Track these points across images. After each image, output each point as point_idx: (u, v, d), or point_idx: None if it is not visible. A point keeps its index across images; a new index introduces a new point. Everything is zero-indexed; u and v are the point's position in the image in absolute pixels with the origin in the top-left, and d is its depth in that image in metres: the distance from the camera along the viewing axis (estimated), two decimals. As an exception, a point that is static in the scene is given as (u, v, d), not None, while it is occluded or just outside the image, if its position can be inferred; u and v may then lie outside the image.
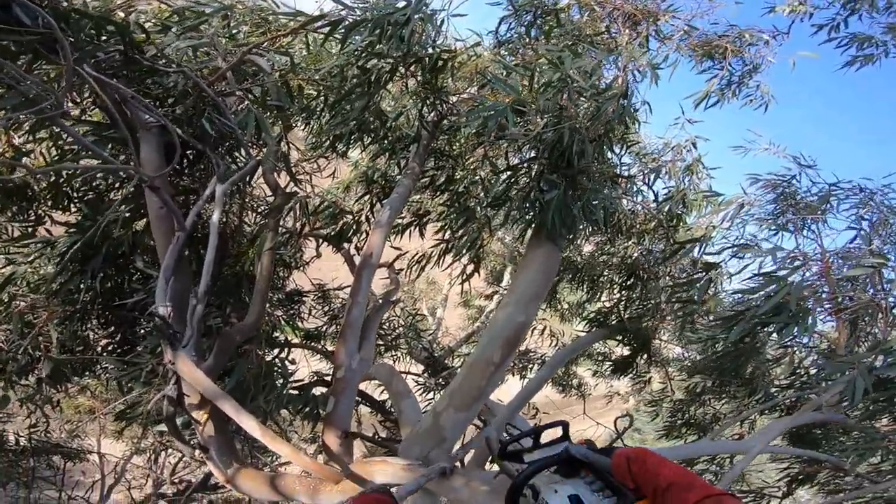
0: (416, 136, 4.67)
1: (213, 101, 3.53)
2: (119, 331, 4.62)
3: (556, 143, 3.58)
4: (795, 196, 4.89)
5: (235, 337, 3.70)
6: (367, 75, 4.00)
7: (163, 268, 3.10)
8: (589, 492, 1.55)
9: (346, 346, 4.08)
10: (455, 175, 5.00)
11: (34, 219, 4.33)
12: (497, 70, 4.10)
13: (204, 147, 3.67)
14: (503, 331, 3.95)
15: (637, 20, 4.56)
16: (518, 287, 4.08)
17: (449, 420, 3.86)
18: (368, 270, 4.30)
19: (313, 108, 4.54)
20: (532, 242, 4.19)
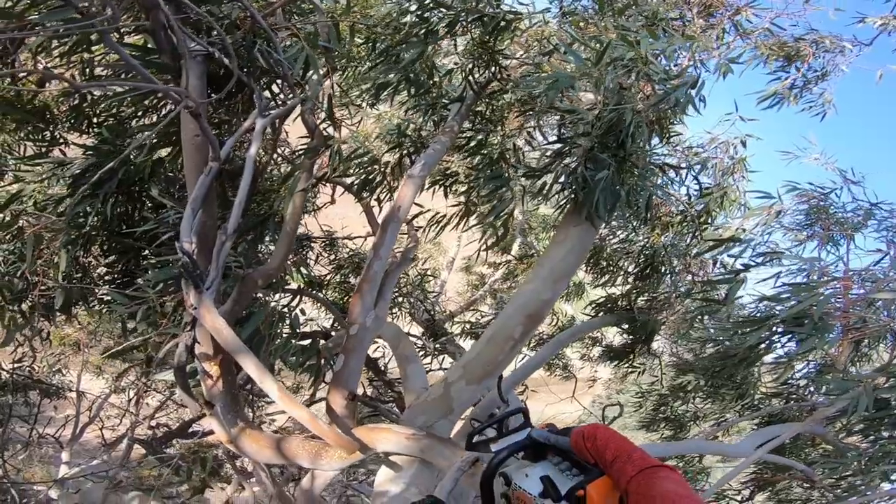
0: (460, 96, 4.53)
1: (266, 33, 3.37)
2: (121, 261, 4.43)
3: (615, 122, 3.48)
4: (828, 210, 4.84)
5: (257, 281, 3.50)
6: (426, 25, 3.85)
7: (191, 198, 2.91)
8: (558, 471, 1.57)
9: (362, 302, 3.87)
10: (488, 140, 4.88)
11: (49, 139, 4.16)
12: (565, 39, 3.97)
13: (248, 79, 3.51)
14: (527, 306, 3.88)
15: (712, 11, 4.43)
16: (547, 263, 3.99)
17: (459, 392, 3.79)
18: (395, 224, 4.14)
19: (357, 55, 4.36)
20: (568, 219, 4.09)
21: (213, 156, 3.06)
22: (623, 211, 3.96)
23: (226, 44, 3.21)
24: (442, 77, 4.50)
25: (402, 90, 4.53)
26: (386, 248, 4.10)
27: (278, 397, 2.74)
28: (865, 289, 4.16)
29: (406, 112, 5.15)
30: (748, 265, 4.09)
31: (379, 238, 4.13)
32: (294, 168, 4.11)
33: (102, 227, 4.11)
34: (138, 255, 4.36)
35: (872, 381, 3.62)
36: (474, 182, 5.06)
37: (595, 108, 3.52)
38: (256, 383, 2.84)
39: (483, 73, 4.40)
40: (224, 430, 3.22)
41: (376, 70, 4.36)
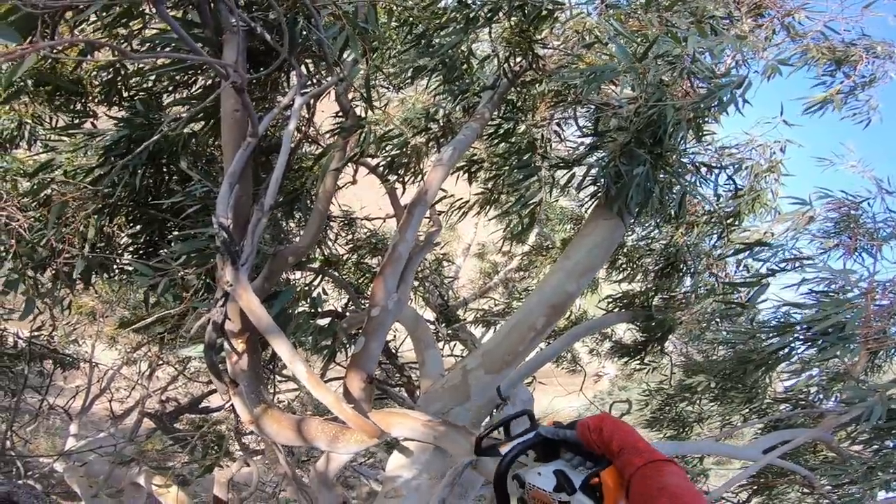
0: (493, 84, 4.50)
1: (308, 10, 3.33)
2: (145, 231, 4.39)
3: (654, 119, 3.46)
4: (858, 220, 4.80)
5: (288, 258, 3.55)
6: (467, 10, 3.82)
7: (229, 172, 2.89)
8: (570, 467, 1.61)
9: (385, 284, 3.86)
10: (517, 128, 4.85)
11: (81, 112, 4.18)
12: (608, 32, 3.92)
13: (290, 56, 3.48)
14: (551, 298, 3.89)
15: (762, 10, 4.37)
16: (574, 256, 3.99)
17: (477, 381, 3.81)
18: (422, 208, 4.14)
19: (390, 37, 4.32)
20: (597, 213, 4.09)
21: (251, 131, 3.02)
22: (655, 208, 3.92)
23: (277, 19, 3.21)
24: (479, 64, 4.45)
25: (437, 76, 4.49)
26: (412, 230, 4.09)
27: (307, 380, 2.73)
28: (889, 300, 4.11)
29: (435, 97, 5.11)
30: (774, 270, 4.07)
31: (405, 221, 4.12)
32: (328, 147, 4.09)
33: (130, 197, 4.07)
34: (163, 226, 4.32)
35: (887, 390, 3.62)
36: (500, 170, 5.03)
37: (635, 103, 3.48)
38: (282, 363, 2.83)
39: (518, 61, 4.36)
40: (247, 410, 3.22)
41: (409, 54, 4.32)
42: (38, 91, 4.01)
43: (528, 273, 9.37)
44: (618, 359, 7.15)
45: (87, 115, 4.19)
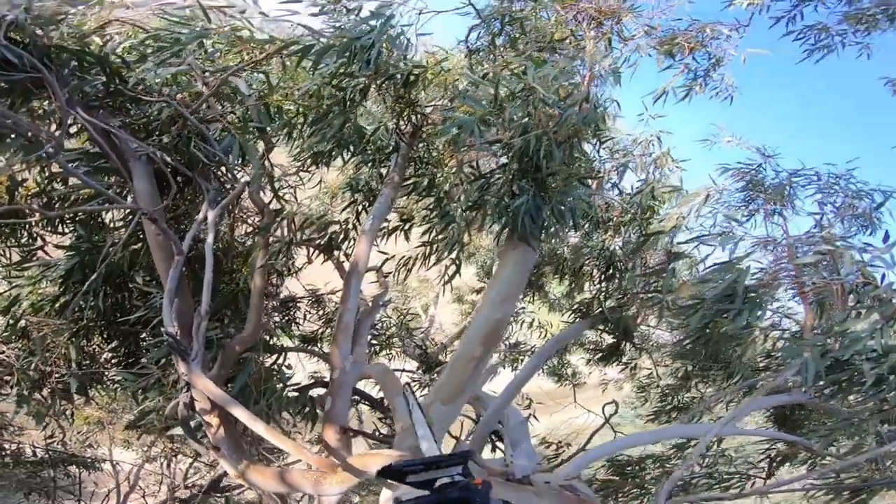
0: (394, 147, 4.89)
1: (197, 129, 3.76)
2: (123, 345, 4.87)
3: (524, 150, 3.82)
4: (763, 184, 5.13)
5: (236, 348, 3.96)
6: (343, 94, 4.22)
7: (166, 290, 3.39)
8: None
9: (339, 350, 4.38)
10: (436, 180, 5.22)
11: (28, 241, 4.59)
12: (466, 82, 4.34)
13: (193, 173, 3.92)
14: (482, 328, 4.21)
15: (601, 20, 4.76)
16: (495, 286, 4.33)
17: (436, 412, 4.12)
18: (356, 277, 4.58)
19: (294, 125, 4.72)
20: (507, 244, 4.43)
21: (176, 250, 3.52)
22: (555, 226, 4.26)
23: (164, 143, 3.66)
24: (370, 136, 4.84)
25: (335, 156, 4.89)
26: (352, 300, 4.53)
27: (265, 433, 3.14)
28: (802, 253, 4.34)
29: (354, 168, 5.50)
30: (678, 253, 4.38)
31: (344, 291, 4.59)
32: (250, 248, 4.49)
33: (98, 318, 4.57)
34: (137, 337, 4.84)
35: (822, 344, 3.64)
36: (429, 222, 5.40)
37: (509, 139, 3.85)
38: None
39: (406, 124, 4.75)
40: (232, 467, 3.63)
41: (311, 140, 4.72)
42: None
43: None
44: (603, 363, 7.38)
45: (35, 244, 4.62)
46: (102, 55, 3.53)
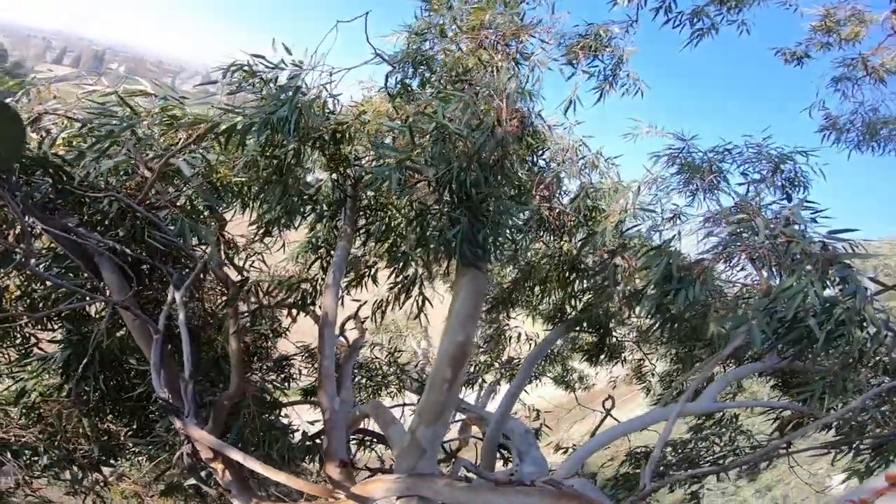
0: (340, 201, 5.19)
1: (148, 218, 4.08)
2: (134, 419, 5.33)
3: (449, 183, 4.13)
4: (693, 165, 5.39)
5: (224, 403, 4.43)
6: (277, 162, 4.51)
7: (152, 364, 4.00)
8: None
9: (326, 394, 4.70)
10: (392, 223, 5.52)
11: (22, 340, 5.00)
12: (385, 129, 4.66)
13: (154, 261, 4.28)
14: (448, 352, 4.50)
15: (506, 43, 5.08)
16: (453, 312, 4.61)
17: (423, 435, 4.47)
18: (328, 329, 4.87)
19: (243, 195, 5.01)
20: (458, 270, 4.72)
21: (153, 331, 4.04)
22: (496, 247, 4.56)
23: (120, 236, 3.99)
24: (313, 196, 5.15)
25: (285, 223, 5.19)
26: (327, 349, 4.85)
27: (261, 469, 3.64)
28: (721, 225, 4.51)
29: (309, 229, 5.80)
30: (614, 249, 4.64)
31: (320, 343, 4.91)
32: (222, 317, 4.79)
33: (104, 398, 5.02)
34: (144, 410, 5.27)
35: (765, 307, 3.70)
36: (390, 264, 5.69)
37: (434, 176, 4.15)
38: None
39: (344, 179, 5.06)
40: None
41: (260, 210, 5.03)
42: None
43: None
44: (586, 362, 7.59)
45: (28, 339, 5.03)
46: (43, 155, 3.85)
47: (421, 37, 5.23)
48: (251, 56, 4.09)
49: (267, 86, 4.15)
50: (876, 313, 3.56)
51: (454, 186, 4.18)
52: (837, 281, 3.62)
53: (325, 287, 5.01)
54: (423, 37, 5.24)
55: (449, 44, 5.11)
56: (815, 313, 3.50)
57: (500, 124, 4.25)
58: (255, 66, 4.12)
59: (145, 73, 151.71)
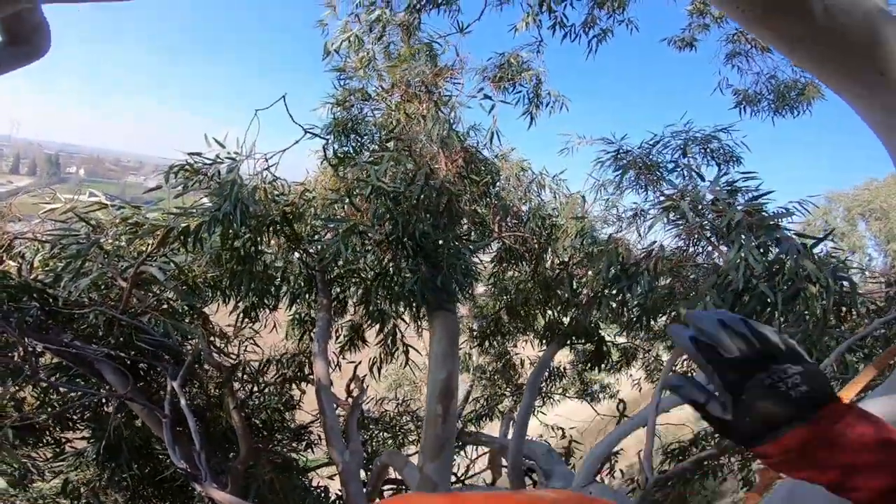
0: (310, 277, 5.47)
1: (134, 326, 4.43)
2: (176, 498, 5.71)
3: (400, 239, 4.45)
4: (632, 161, 5.64)
5: (238, 468, 4.81)
6: (238, 254, 4.78)
7: (166, 441, 4.43)
8: None
9: (335, 448, 4.96)
10: (366, 286, 5.80)
11: (52, 441, 5.31)
12: (330, 202, 5.00)
13: (147, 359, 4.69)
14: (434, 389, 4.78)
15: (428, 91, 5.46)
16: (432, 352, 4.89)
17: (430, 469, 4.76)
18: (325, 392, 5.13)
19: (218, 288, 5.27)
20: (430, 313, 5.01)
21: (161, 415, 4.50)
22: (460, 288, 4.86)
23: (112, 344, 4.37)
24: (280, 278, 5.47)
25: (262, 308, 5.51)
26: (328, 408, 5.11)
27: None
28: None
29: (288, 306, 6.08)
30: (566, 261, 4.91)
31: (319, 406, 5.17)
32: (220, 397, 5.09)
33: (144, 481, 5.39)
34: (182, 489, 5.65)
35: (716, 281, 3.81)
36: (370, 323, 5.98)
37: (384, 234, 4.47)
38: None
39: (305, 255, 5.36)
40: None
41: (237, 300, 5.34)
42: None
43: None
44: (589, 370, 7.75)
45: (59, 441, 5.31)
46: (25, 282, 4.20)
47: (345, 104, 5.59)
48: (188, 155, 4.36)
49: (210, 182, 4.42)
50: (824, 266, 3.54)
51: (405, 241, 4.48)
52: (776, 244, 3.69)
53: (313, 357, 5.28)
54: (349, 103, 5.59)
55: (375, 104, 5.47)
56: (765, 278, 3.55)
57: (434, 173, 4.57)
58: (195, 164, 4.38)
59: (106, 173, 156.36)
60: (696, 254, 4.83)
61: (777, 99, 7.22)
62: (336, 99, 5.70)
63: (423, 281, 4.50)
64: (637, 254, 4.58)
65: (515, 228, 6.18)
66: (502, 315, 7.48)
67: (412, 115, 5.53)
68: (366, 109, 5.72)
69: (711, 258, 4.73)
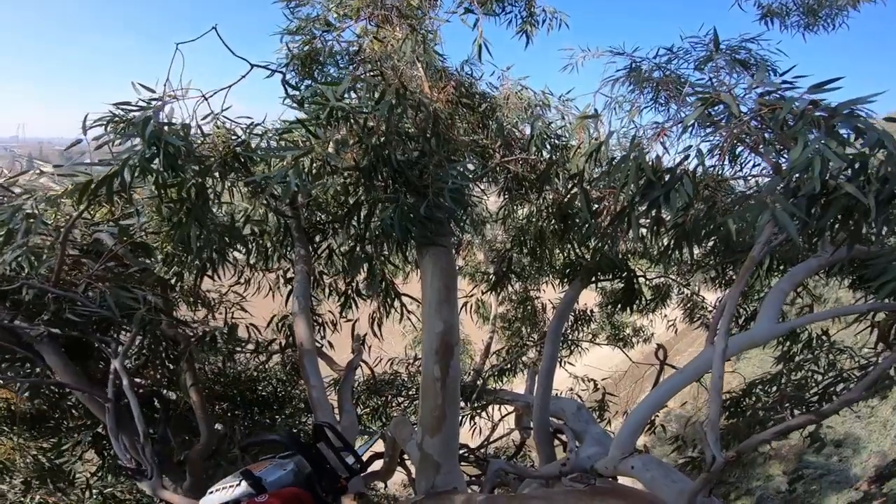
0: (283, 226, 4.73)
1: (66, 297, 3.79)
2: None
3: (369, 166, 3.73)
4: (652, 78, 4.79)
5: (195, 458, 4.31)
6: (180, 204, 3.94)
7: (109, 430, 4.03)
8: None
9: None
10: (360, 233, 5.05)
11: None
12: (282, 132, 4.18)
13: (90, 338, 4.15)
14: (431, 345, 4.04)
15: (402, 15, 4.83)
16: (426, 300, 4.12)
17: (430, 446, 4.03)
18: (308, 357, 4.41)
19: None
20: (419, 254, 4.23)
21: (103, 400, 4.06)
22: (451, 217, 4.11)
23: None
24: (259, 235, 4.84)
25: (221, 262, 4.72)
26: (313, 377, 4.39)
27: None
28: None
29: (263, 262, 5.39)
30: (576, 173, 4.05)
31: (302, 372, 4.47)
32: (177, 371, 4.50)
33: None
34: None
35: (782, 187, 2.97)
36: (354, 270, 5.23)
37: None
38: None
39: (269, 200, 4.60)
40: None
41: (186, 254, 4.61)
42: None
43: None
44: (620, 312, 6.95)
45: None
46: None
47: (304, 35, 4.92)
48: (114, 105, 3.54)
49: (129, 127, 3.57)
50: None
51: (382, 169, 3.77)
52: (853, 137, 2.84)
53: (294, 317, 4.54)
54: (308, 35, 4.92)
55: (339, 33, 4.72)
56: (847, 177, 2.75)
57: (407, 90, 3.77)
58: (124, 115, 3.55)
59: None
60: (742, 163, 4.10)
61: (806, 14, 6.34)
62: (288, 29, 4.93)
63: (401, 211, 3.69)
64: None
65: (520, 155, 5.34)
66: (515, 254, 6.69)
67: (384, 40, 4.84)
68: (330, 40, 4.98)
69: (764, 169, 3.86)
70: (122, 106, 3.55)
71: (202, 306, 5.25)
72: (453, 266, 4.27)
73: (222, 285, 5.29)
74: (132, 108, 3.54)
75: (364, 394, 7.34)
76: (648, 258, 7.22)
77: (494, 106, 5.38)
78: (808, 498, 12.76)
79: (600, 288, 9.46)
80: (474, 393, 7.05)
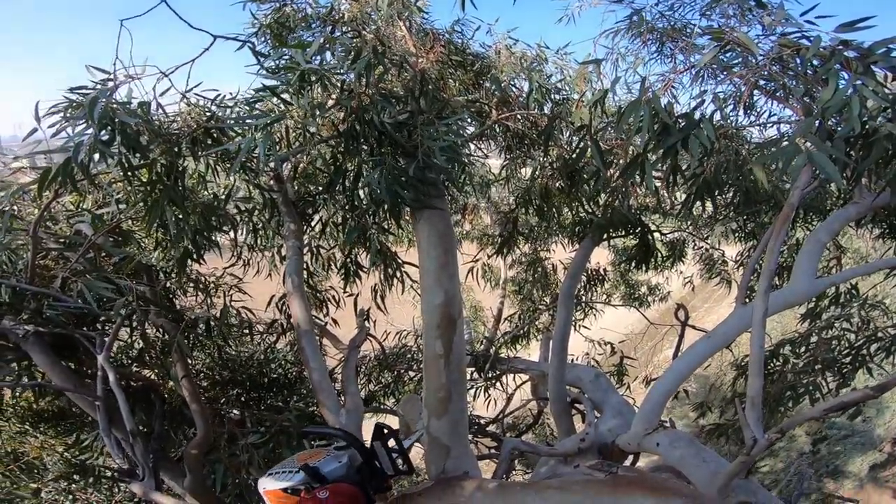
0: (270, 201, 4.50)
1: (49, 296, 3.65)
2: None
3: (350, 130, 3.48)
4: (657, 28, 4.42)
5: (192, 452, 4.16)
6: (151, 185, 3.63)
7: (101, 429, 3.90)
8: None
9: (327, 409, 4.02)
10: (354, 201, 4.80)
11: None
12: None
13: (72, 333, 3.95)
14: (432, 319, 3.79)
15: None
16: (423, 270, 3.85)
17: (438, 430, 3.78)
18: (307, 337, 4.19)
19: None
20: (413, 219, 3.97)
21: (93, 398, 3.94)
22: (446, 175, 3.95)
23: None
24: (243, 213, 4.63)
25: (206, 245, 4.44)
26: (312, 359, 4.15)
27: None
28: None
29: (253, 241, 5.24)
30: (581, 126, 3.71)
31: (301, 355, 4.27)
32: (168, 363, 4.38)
33: None
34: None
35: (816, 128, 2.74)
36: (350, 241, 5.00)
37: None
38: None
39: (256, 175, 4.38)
40: None
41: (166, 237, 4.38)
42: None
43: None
44: (639, 269, 6.63)
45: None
46: None
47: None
48: (69, 90, 3.31)
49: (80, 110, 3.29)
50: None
51: (366, 132, 3.51)
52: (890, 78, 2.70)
53: (288, 295, 4.30)
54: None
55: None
56: (888, 117, 2.60)
57: (386, 46, 3.52)
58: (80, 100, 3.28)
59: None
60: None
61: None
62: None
63: (388, 173, 3.40)
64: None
65: (519, 111, 5.03)
66: (521, 215, 6.41)
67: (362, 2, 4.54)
68: (303, 3, 4.75)
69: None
70: (77, 91, 3.32)
71: (199, 292, 5.00)
72: (451, 230, 3.97)
73: (217, 269, 5.05)
74: (89, 91, 3.28)
75: (375, 370, 7.14)
76: (662, 212, 6.91)
77: (489, 65, 5.09)
78: (832, 459, 12.66)
79: (612, 246, 9.13)
80: (487, 363, 6.79)
